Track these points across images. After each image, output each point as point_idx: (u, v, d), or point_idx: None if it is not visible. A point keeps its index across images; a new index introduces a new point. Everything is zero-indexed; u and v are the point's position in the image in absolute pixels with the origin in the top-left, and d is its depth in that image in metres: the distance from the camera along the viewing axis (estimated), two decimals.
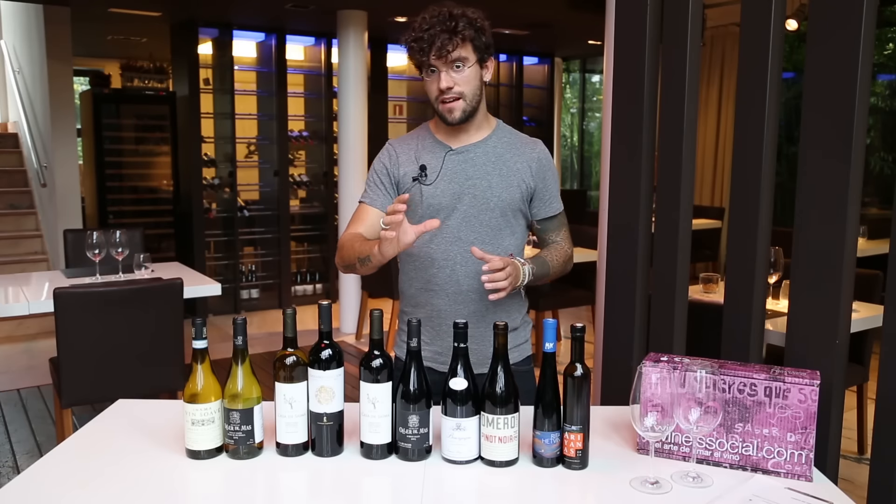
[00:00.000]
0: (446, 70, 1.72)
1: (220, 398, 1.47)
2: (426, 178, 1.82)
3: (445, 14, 1.71)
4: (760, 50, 1.79)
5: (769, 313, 2.52)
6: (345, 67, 5.74)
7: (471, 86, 1.75)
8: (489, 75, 1.80)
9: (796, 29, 5.06)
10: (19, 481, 1.38)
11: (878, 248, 4.21)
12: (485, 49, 1.76)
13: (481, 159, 1.83)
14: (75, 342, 2.89)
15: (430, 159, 1.84)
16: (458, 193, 1.81)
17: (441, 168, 1.82)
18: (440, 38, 1.68)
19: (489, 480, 1.42)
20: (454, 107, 1.75)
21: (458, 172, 1.82)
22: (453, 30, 1.69)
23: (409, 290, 1.90)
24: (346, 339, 5.75)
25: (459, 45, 1.70)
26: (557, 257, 1.91)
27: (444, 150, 1.84)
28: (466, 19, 1.72)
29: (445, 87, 1.72)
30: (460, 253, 1.81)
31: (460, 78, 1.73)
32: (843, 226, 1.66)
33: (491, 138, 1.86)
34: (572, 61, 9.43)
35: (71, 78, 6.29)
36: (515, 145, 1.87)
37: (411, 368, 1.46)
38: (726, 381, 1.49)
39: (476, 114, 1.80)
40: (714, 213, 6.88)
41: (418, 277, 1.86)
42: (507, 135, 1.89)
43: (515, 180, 1.83)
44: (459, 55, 1.71)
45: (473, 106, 1.77)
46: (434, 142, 1.86)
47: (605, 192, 2.24)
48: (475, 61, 1.75)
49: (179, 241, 6.67)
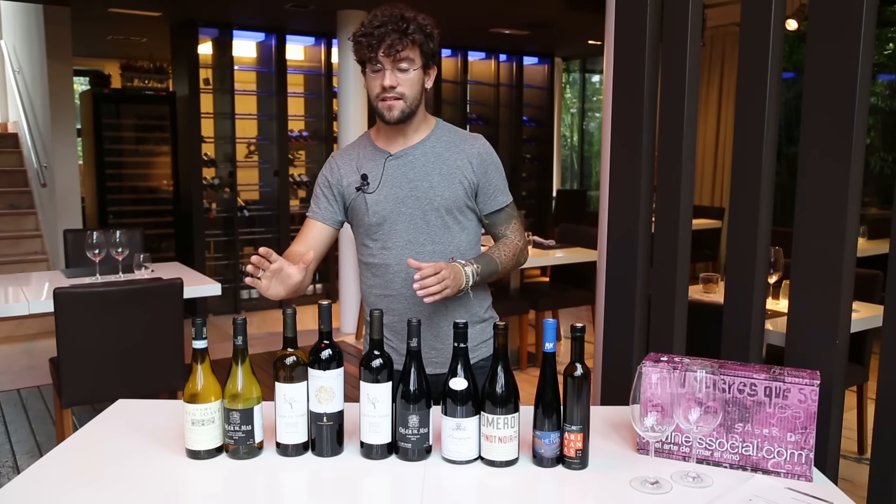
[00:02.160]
0: (391, 69, 1.74)
1: (220, 398, 1.47)
2: (368, 186, 1.84)
3: (398, 15, 1.73)
4: (760, 50, 1.79)
5: (769, 313, 2.52)
6: (345, 67, 5.74)
7: (413, 89, 1.77)
8: (430, 82, 1.83)
9: (796, 29, 5.06)
10: (19, 481, 1.38)
11: (878, 248, 4.21)
12: (431, 55, 1.79)
13: (420, 161, 1.84)
14: (75, 342, 2.89)
15: (371, 167, 1.86)
16: (401, 197, 1.83)
17: (382, 175, 1.84)
18: (391, 37, 1.71)
19: (489, 480, 1.42)
20: (394, 105, 1.76)
21: (398, 177, 1.83)
22: (404, 31, 1.71)
23: (368, 297, 1.92)
24: (346, 339, 5.75)
25: (408, 46, 1.73)
26: (507, 252, 1.89)
27: (383, 156, 1.86)
28: (417, 23, 1.74)
29: (388, 86, 1.74)
30: (413, 256, 1.82)
31: (404, 79, 1.75)
32: (843, 226, 1.66)
33: (429, 139, 1.86)
34: (572, 61, 9.43)
35: (71, 78, 6.29)
36: (455, 143, 1.87)
37: (411, 368, 1.46)
38: (726, 381, 1.49)
39: (414, 116, 1.82)
40: (714, 213, 6.88)
41: (376, 284, 1.88)
42: (447, 133, 1.89)
43: (457, 177, 1.84)
44: (407, 56, 1.74)
45: (413, 108, 1.79)
46: (374, 149, 1.88)
47: (605, 192, 2.24)
48: (420, 66, 1.77)
49: (179, 241, 6.67)
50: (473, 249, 1.90)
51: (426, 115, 1.89)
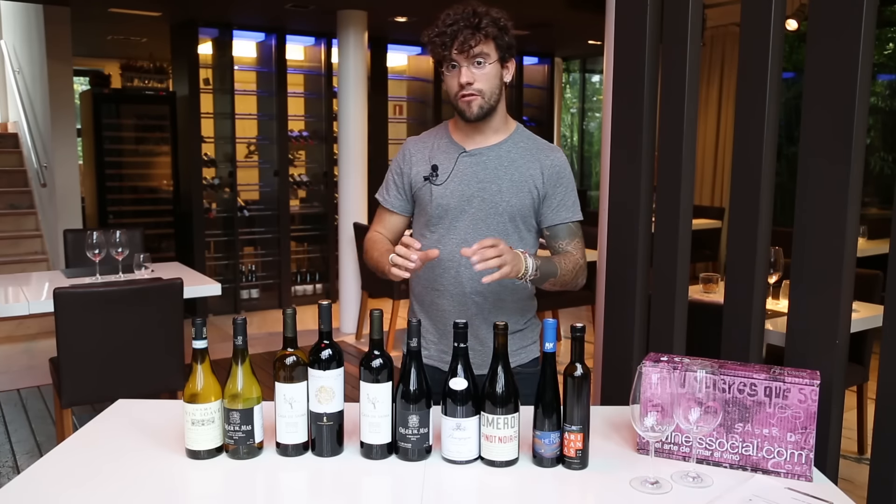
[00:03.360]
0: (467, 65, 1.73)
1: (220, 398, 1.47)
2: (437, 178, 1.83)
3: (470, 11, 1.72)
4: (760, 50, 1.79)
5: (769, 313, 2.52)
6: (345, 67, 5.74)
7: (490, 84, 1.76)
8: (510, 76, 1.81)
9: (796, 29, 5.06)
10: (19, 481, 1.38)
11: (878, 248, 4.22)
12: (507, 49, 1.77)
13: (493, 163, 1.82)
14: (75, 342, 2.89)
15: (444, 160, 1.84)
16: (467, 196, 1.81)
17: (453, 169, 1.83)
18: (463, 33, 1.70)
19: (489, 480, 1.42)
20: (472, 101, 1.75)
21: (469, 175, 1.82)
22: (477, 26, 1.70)
23: (416, 288, 1.92)
24: (346, 339, 5.74)
25: (482, 41, 1.71)
26: (567, 264, 1.85)
27: (457, 151, 1.84)
28: (490, 17, 1.73)
29: (465, 82, 1.73)
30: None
31: (480, 74, 1.74)
32: (843, 226, 1.66)
33: (506, 142, 1.85)
34: (572, 61, 9.43)
35: (71, 78, 6.29)
36: (531, 151, 1.85)
37: (411, 368, 1.46)
38: (726, 381, 1.49)
39: (494, 114, 1.80)
40: (714, 213, 6.88)
41: (424, 276, 1.87)
42: (525, 140, 1.87)
43: (527, 186, 1.82)
44: (481, 51, 1.72)
45: (492, 104, 1.78)
46: (449, 142, 1.87)
47: (605, 192, 2.24)
48: (496, 59, 1.76)
49: (179, 241, 6.67)
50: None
51: (507, 118, 1.87)
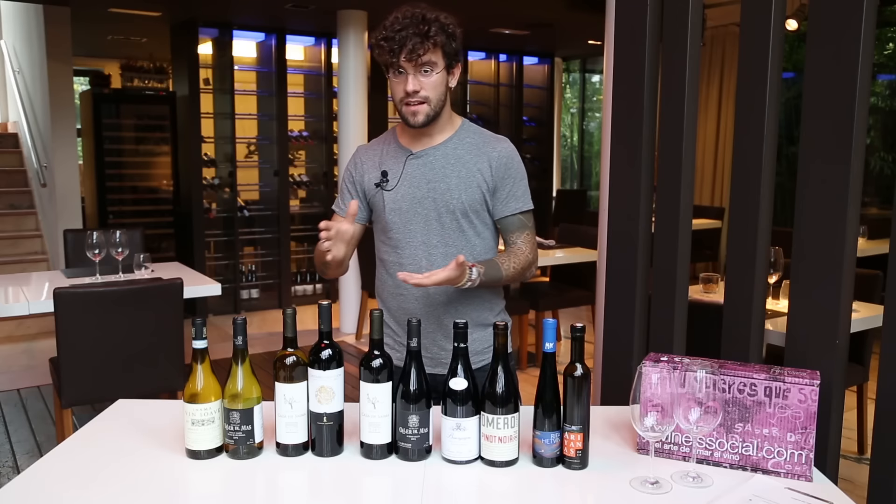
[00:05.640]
0: (414, 73, 1.71)
1: (220, 398, 1.47)
2: (388, 183, 1.83)
3: (419, 16, 1.69)
4: (760, 50, 1.79)
5: (769, 313, 2.52)
6: (345, 67, 5.74)
7: (437, 91, 1.74)
8: (455, 81, 1.80)
9: (796, 29, 5.06)
10: (19, 481, 1.38)
11: (878, 248, 4.21)
12: (454, 55, 1.76)
13: (440, 162, 1.82)
14: (75, 342, 2.89)
15: (392, 165, 1.85)
16: (418, 198, 1.81)
17: (402, 173, 1.83)
18: (412, 41, 1.67)
19: (489, 480, 1.42)
20: (418, 110, 1.74)
21: (417, 176, 1.82)
22: (426, 34, 1.68)
23: (382, 294, 1.92)
24: (346, 339, 5.74)
25: (430, 49, 1.69)
26: (514, 262, 1.82)
27: (405, 154, 1.84)
28: (439, 24, 1.70)
29: (412, 91, 1.71)
30: (426, 257, 1.81)
31: (427, 82, 1.72)
32: (843, 226, 1.66)
33: (452, 140, 1.84)
34: (572, 61, 9.43)
35: (71, 78, 6.29)
36: (477, 145, 1.84)
37: (411, 368, 1.46)
38: (726, 381, 1.49)
39: (439, 117, 1.80)
40: (714, 213, 6.88)
41: (389, 282, 1.88)
42: (471, 135, 1.86)
43: (475, 181, 1.81)
44: (429, 59, 1.70)
45: (437, 111, 1.77)
46: (397, 147, 1.87)
47: (605, 192, 2.24)
48: (443, 67, 1.74)
49: (179, 241, 6.67)
50: (488, 255, 1.87)
51: (452, 116, 1.86)
